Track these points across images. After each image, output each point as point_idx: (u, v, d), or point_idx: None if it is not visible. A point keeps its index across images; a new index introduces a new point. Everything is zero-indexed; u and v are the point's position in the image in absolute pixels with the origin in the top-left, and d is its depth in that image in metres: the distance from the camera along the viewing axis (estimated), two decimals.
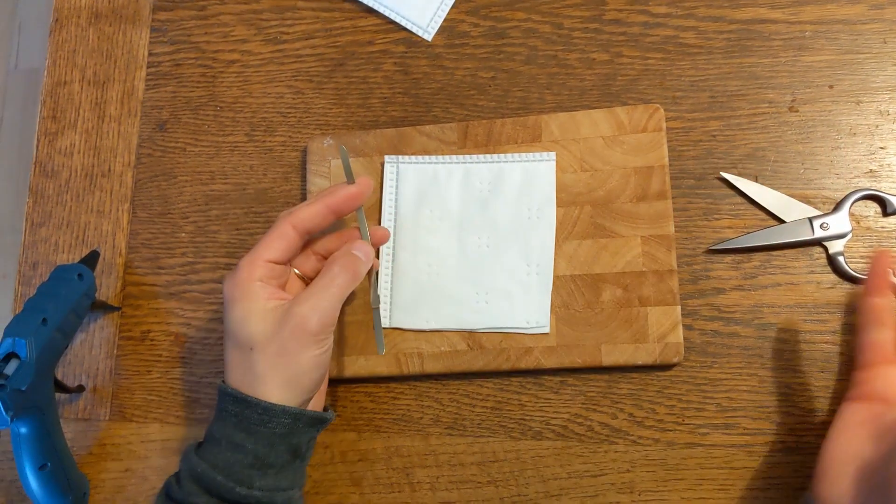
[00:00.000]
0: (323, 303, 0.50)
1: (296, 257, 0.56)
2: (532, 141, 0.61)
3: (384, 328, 0.60)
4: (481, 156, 0.61)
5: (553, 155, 0.60)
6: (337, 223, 0.57)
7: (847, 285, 0.56)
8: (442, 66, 0.65)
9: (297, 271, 0.56)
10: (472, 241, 0.60)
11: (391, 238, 0.61)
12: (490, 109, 0.64)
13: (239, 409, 0.50)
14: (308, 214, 0.53)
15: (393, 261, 0.61)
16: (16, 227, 0.71)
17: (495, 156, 0.61)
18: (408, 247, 0.61)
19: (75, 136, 0.70)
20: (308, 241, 0.56)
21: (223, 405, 0.51)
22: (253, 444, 0.49)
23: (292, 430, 0.50)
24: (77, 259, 0.66)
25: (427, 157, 0.61)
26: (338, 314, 0.52)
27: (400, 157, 0.62)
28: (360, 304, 0.60)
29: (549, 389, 0.59)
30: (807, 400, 0.55)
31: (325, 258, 0.56)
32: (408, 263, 0.61)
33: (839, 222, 0.57)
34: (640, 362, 0.56)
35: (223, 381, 0.52)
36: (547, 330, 0.58)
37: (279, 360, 0.50)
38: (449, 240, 0.60)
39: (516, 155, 0.60)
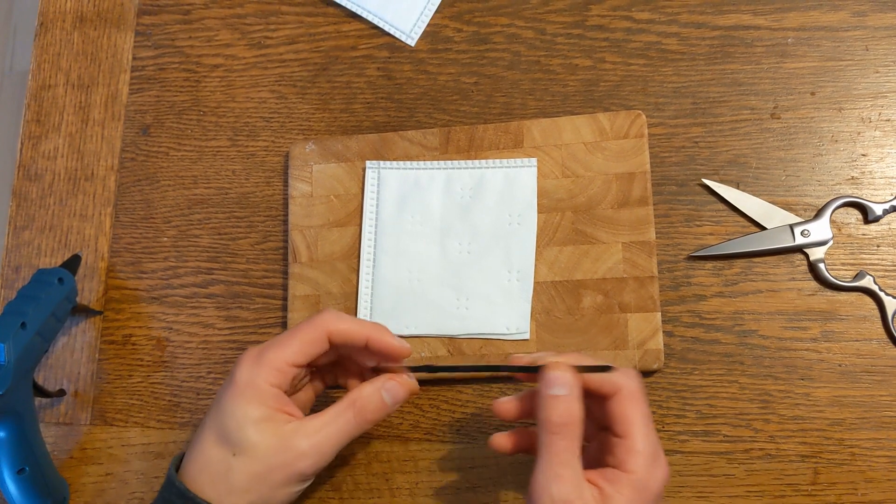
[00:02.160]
0: (322, 445, 0.48)
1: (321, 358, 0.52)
2: (514, 146, 0.61)
3: None
4: (463, 161, 0.61)
5: (534, 161, 0.59)
6: None
7: (828, 292, 0.56)
8: (425, 72, 0.65)
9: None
10: (453, 247, 0.60)
11: (373, 243, 0.61)
12: (473, 115, 0.64)
13: None
14: (349, 330, 0.49)
15: (374, 266, 0.61)
16: (2, 230, 0.71)
17: (477, 161, 0.60)
18: (389, 252, 0.61)
19: (59, 140, 0.70)
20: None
21: (170, 497, 0.48)
22: None
23: None
24: (59, 263, 0.66)
25: (409, 163, 0.61)
26: (333, 457, 0.49)
27: (382, 162, 0.62)
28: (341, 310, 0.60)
29: None
30: (787, 407, 0.55)
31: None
32: (389, 269, 0.60)
33: (820, 229, 0.56)
34: None
35: (176, 466, 0.49)
36: (527, 336, 0.58)
37: (258, 483, 0.47)
38: (430, 245, 0.60)
39: (498, 161, 0.60)
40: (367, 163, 0.62)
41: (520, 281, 0.58)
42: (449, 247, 0.60)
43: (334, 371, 0.55)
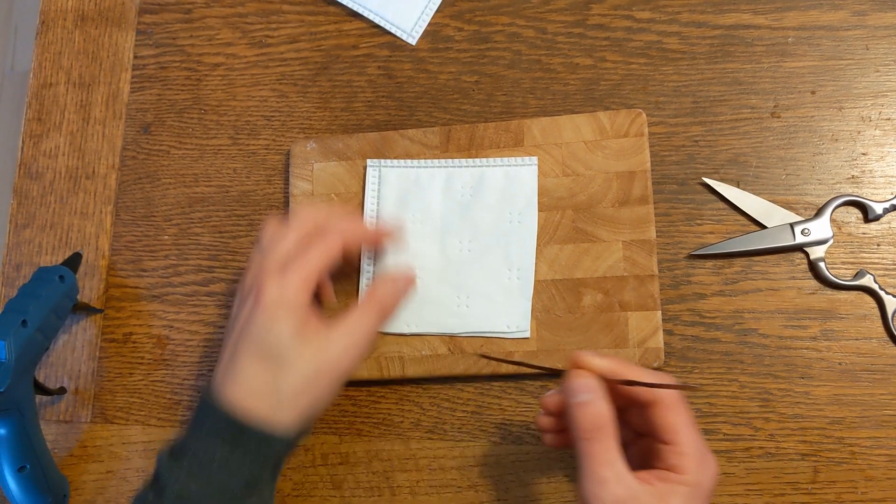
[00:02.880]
0: (359, 346, 0.51)
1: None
2: (515, 145, 0.61)
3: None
4: (463, 160, 0.61)
5: (535, 160, 0.60)
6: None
7: (828, 291, 0.56)
8: (426, 71, 0.65)
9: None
10: (453, 245, 0.60)
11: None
12: (473, 113, 0.64)
13: (235, 431, 0.48)
14: (360, 237, 0.56)
15: (375, 265, 0.61)
16: (2, 228, 0.72)
17: (477, 160, 0.61)
18: (390, 250, 0.61)
19: (60, 138, 0.70)
20: None
21: (215, 424, 0.48)
22: (249, 466, 0.48)
23: (286, 451, 0.50)
24: (60, 261, 0.66)
25: (409, 161, 0.61)
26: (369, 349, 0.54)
27: (382, 160, 0.62)
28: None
29: (529, 394, 0.59)
30: (787, 406, 0.55)
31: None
32: (390, 267, 0.60)
33: (820, 228, 0.56)
34: None
35: (217, 394, 0.49)
36: (528, 334, 0.58)
37: (306, 392, 0.49)
38: (431, 243, 0.60)
39: (498, 159, 0.60)
40: (368, 161, 0.62)
41: (520, 279, 0.58)
42: (449, 245, 0.60)
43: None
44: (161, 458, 0.50)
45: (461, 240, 0.60)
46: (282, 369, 0.49)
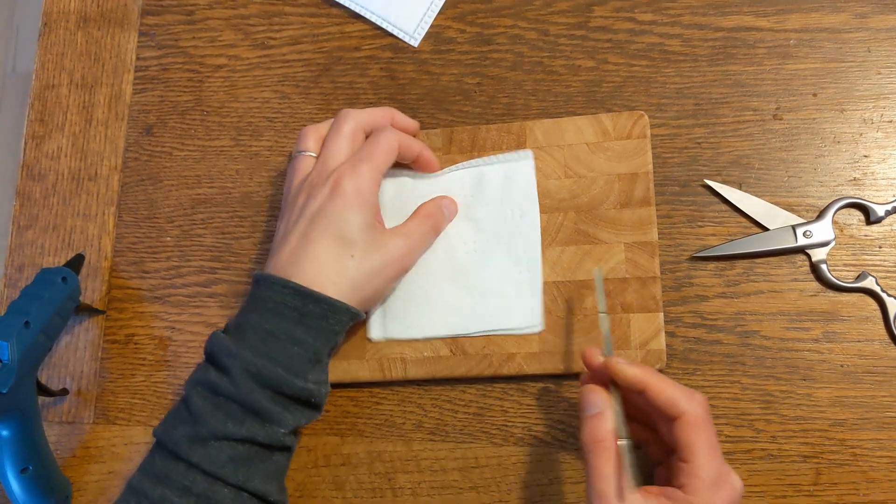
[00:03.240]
0: (419, 247, 0.58)
1: None
2: (517, 147, 0.61)
3: (378, 339, 0.60)
4: (460, 164, 0.61)
5: (529, 152, 0.60)
6: None
7: (830, 293, 0.56)
8: (428, 72, 0.66)
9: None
10: (459, 247, 0.60)
11: None
12: (475, 115, 0.64)
13: (301, 303, 0.52)
14: (408, 145, 0.58)
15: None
16: (5, 229, 0.72)
17: (472, 161, 0.61)
18: None
19: (62, 140, 0.70)
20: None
21: (282, 299, 0.52)
22: (313, 340, 0.52)
23: (345, 328, 0.54)
24: (63, 262, 0.66)
25: (405, 170, 0.62)
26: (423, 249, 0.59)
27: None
28: None
29: (531, 396, 0.59)
30: (789, 408, 0.55)
31: None
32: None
33: (822, 230, 0.57)
34: None
35: (283, 273, 0.53)
36: (540, 328, 0.57)
37: (375, 278, 0.54)
38: (436, 247, 0.60)
39: (493, 157, 0.60)
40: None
41: (529, 273, 0.58)
42: (455, 247, 0.60)
43: None
44: (216, 338, 0.53)
45: (465, 241, 0.60)
46: (353, 257, 0.53)
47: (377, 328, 0.60)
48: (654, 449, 0.51)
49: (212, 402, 0.51)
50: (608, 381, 0.48)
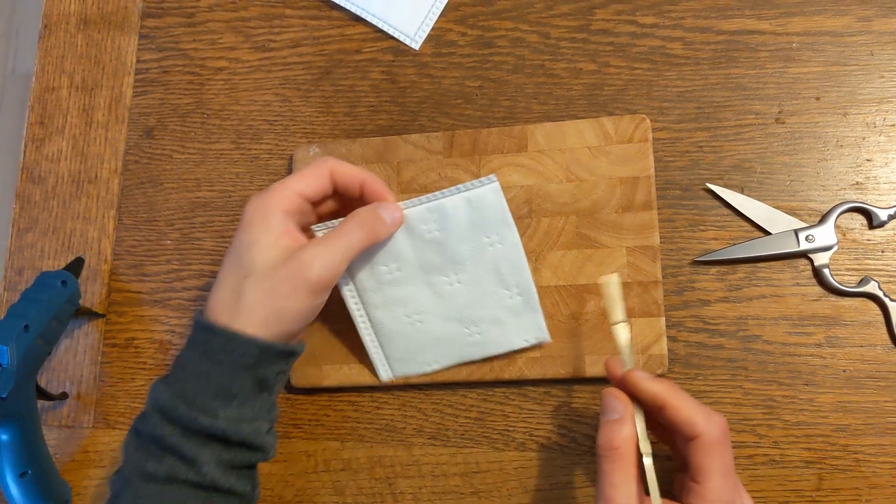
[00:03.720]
0: (329, 254, 0.49)
1: (324, 204, 0.55)
2: (518, 150, 0.60)
3: (390, 380, 0.59)
4: (412, 200, 0.54)
5: (493, 177, 0.54)
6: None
7: (832, 298, 0.56)
8: (429, 75, 0.65)
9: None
10: (442, 282, 0.56)
11: (359, 303, 0.57)
12: (476, 118, 0.64)
13: (205, 337, 0.48)
14: (349, 172, 0.53)
15: (370, 320, 0.58)
16: (5, 232, 0.71)
17: (427, 196, 0.54)
18: (379, 305, 0.57)
19: (62, 142, 0.70)
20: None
21: (193, 333, 0.50)
22: (217, 374, 0.48)
23: (259, 362, 0.48)
24: (62, 265, 0.66)
25: None
26: (343, 270, 0.51)
27: (328, 221, 0.53)
28: (344, 314, 0.60)
29: (532, 400, 0.58)
30: (791, 413, 0.55)
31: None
32: (386, 319, 0.57)
33: (825, 234, 0.56)
34: None
35: (201, 309, 0.51)
36: (548, 339, 0.57)
37: (267, 298, 0.48)
38: (417, 287, 0.56)
39: (453, 188, 0.54)
40: (314, 227, 0.54)
41: (522, 295, 0.56)
42: (438, 283, 0.56)
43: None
44: (158, 379, 0.51)
45: (447, 275, 0.56)
46: (247, 278, 0.49)
47: (384, 372, 0.59)
48: (674, 455, 0.50)
49: (136, 441, 0.49)
50: (631, 392, 0.47)
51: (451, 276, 0.56)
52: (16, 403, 0.56)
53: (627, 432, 0.44)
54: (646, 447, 0.45)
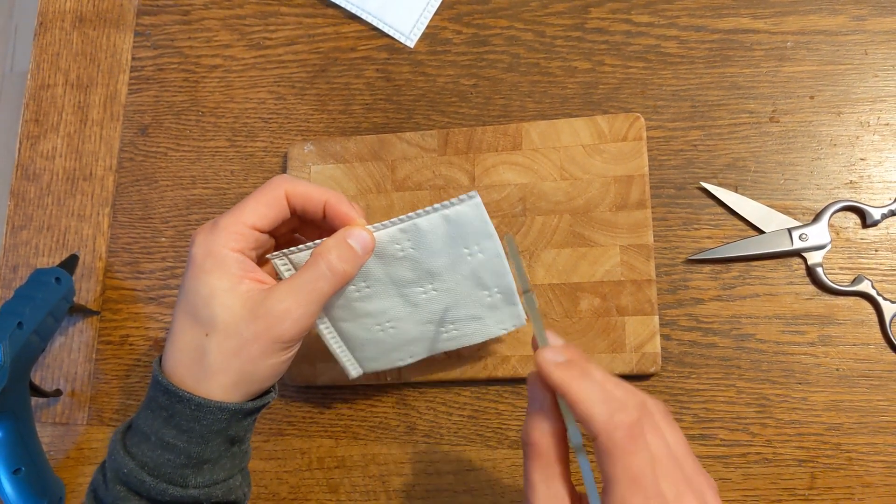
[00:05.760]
0: (300, 307, 0.44)
1: (282, 225, 0.48)
2: (512, 149, 0.60)
3: (359, 376, 0.56)
4: (386, 221, 0.47)
5: (474, 193, 0.47)
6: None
7: (826, 296, 0.56)
8: (424, 73, 0.65)
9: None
10: (416, 293, 0.51)
11: (325, 321, 0.52)
12: (471, 117, 0.64)
13: (169, 402, 0.43)
14: (308, 193, 0.46)
15: (338, 332, 0.53)
16: None
17: (402, 217, 0.47)
18: (347, 319, 0.52)
19: (57, 140, 0.70)
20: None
21: (154, 393, 0.44)
22: (185, 443, 0.43)
23: (230, 424, 0.44)
24: (57, 262, 0.66)
25: (321, 241, 0.47)
26: (316, 317, 0.45)
27: (286, 249, 0.47)
28: None
29: (525, 398, 0.58)
30: (785, 411, 0.55)
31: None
32: (356, 330, 0.52)
33: (818, 233, 0.56)
34: (617, 372, 0.56)
35: (160, 361, 0.46)
36: (524, 321, 0.54)
37: (235, 360, 0.43)
38: (389, 299, 0.51)
39: (429, 207, 0.47)
40: (270, 256, 0.48)
41: (502, 293, 0.52)
42: (412, 294, 0.51)
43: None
44: (114, 435, 0.46)
45: (423, 286, 0.51)
46: (209, 336, 0.43)
47: (353, 370, 0.55)
48: None
49: None
50: None
51: (427, 286, 0.51)
52: (9, 400, 0.56)
53: (547, 426, 0.38)
54: (577, 440, 0.37)
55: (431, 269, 0.50)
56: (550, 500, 0.37)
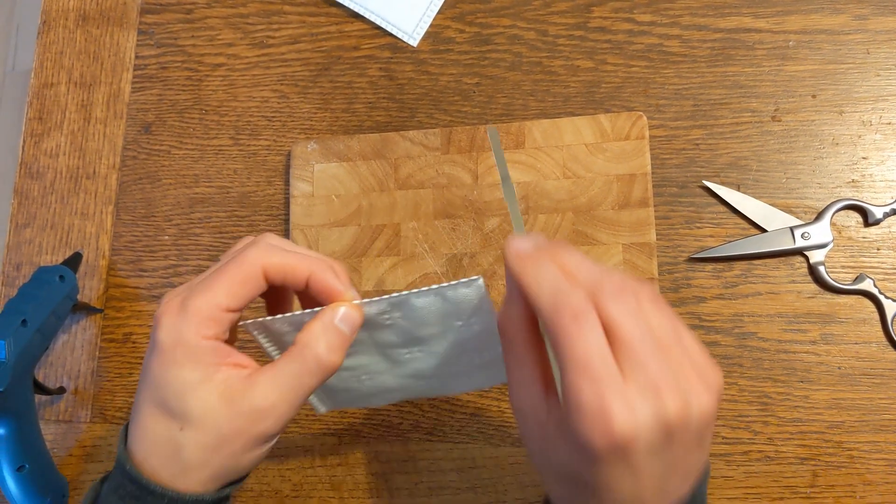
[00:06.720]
0: (286, 404, 0.40)
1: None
2: (515, 147, 0.61)
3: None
4: (376, 298, 0.41)
5: (479, 278, 0.40)
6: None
7: (828, 295, 0.56)
8: (427, 72, 0.65)
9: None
10: (400, 354, 0.46)
11: None
12: (474, 115, 0.64)
13: (141, 493, 0.40)
14: (289, 266, 0.41)
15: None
16: (3, 228, 0.72)
17: (396, 294, 0.41)
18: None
19: (61, 138, 0.70)
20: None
21: (122, 480, 0.41)
22: None
23: None
24: (60, 261, 0.66)
25: (298, 313, 0.42)
26: (299, 407, 0.41)
27: (263, 319, 0.42)
28: None
29: None
30: (786, 410, 0.55)
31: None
32: (334, 382, 0.47)
33: (820, 232, 0.56)
34: None
35: (125, 439, 0.42)
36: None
37: (214, 456, 0.40)
38: (370, 357, 0.46)
39: (425, 287, 0.41)
40: (243, 325, 0.42)
41: (492, 358, 0.46)
42: (395, 356, 0.46)
43: (278, 300, 0.46)
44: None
45: (408, 349, 0.45)
46: (184, 431, 0.39)
47: (322, 408, 0.50)
48: None
49: None
50: None
51: (413, 349, 0.46)
52: (13, 398, 0.57)
53: (515, 312, 0.36)
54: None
55: (417, 334, 0.44)
56: (521, 383, 0.36)
